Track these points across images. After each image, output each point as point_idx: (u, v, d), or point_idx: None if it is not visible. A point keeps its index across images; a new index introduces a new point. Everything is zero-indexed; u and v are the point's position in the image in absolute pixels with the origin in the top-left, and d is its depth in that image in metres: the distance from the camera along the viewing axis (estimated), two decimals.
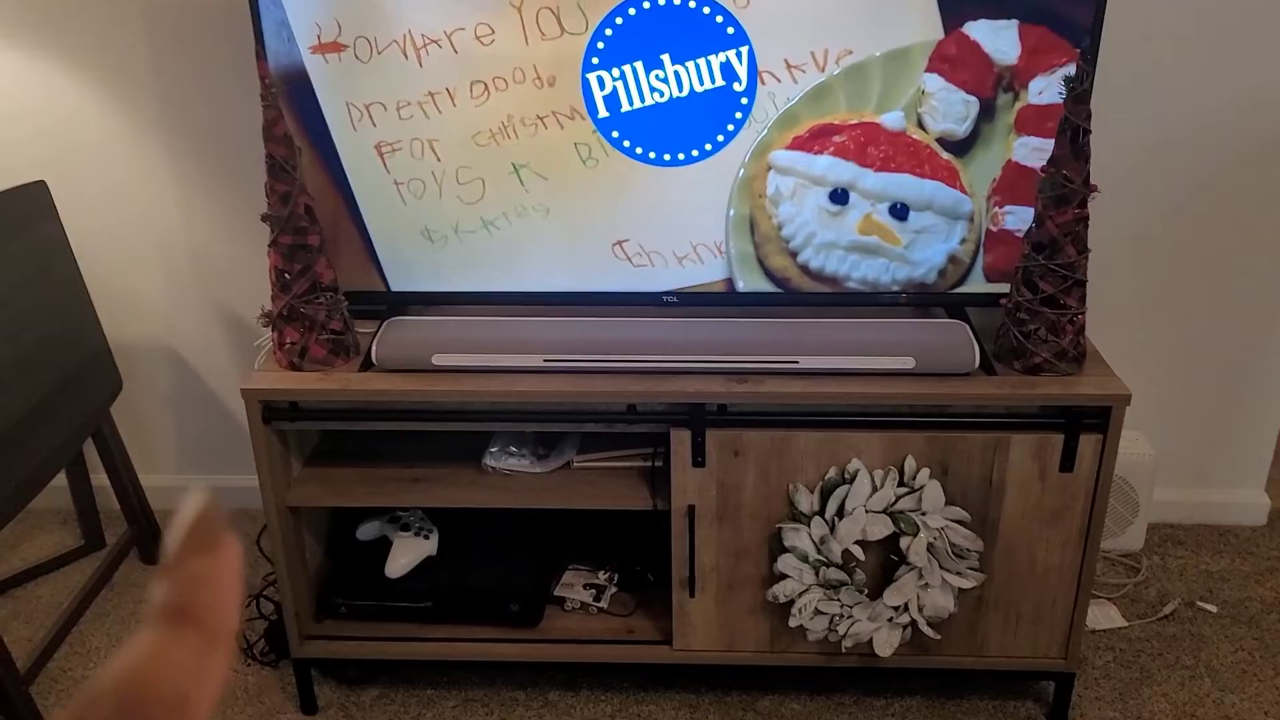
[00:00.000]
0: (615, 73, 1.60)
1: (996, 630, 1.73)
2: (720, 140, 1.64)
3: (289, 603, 1.77)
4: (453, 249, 1.73)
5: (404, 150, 1.66)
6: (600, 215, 1.70)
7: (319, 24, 1.58)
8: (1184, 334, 2.15)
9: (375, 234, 1.72)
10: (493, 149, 1.66)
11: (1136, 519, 2.19)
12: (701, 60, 1.59)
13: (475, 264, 1.74)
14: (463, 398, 1.62)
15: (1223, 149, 1.98)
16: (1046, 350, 1.60)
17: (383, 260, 1.75)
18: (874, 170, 1.65)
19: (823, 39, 1.58)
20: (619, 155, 1.66)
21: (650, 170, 1.67)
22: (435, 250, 1.73)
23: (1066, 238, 1.53)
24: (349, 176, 1.68)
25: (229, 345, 2.26)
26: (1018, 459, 1.61)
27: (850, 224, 1.69)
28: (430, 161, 1.67)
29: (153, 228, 2.15)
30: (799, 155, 1.65)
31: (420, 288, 1.77)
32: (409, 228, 1.72)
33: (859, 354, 1.61)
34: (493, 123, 1.64)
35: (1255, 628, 2.01)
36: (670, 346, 1.64)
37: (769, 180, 1.67)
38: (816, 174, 1.66)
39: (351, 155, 1.67)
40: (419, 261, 1.74)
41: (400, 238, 1.73)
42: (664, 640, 1.80)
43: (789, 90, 1.61)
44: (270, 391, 1.63)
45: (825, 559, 1.66)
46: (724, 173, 1.67)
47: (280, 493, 1.72)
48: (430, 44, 1.58)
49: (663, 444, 1.69)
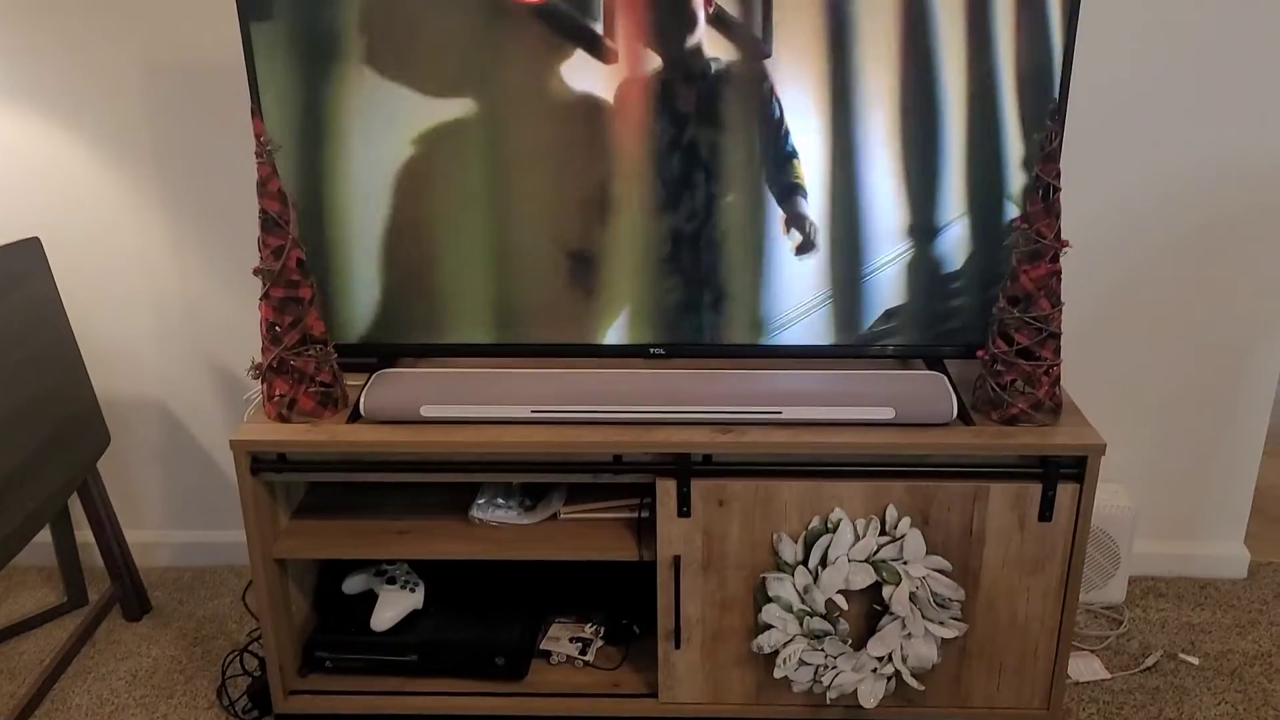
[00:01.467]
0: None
1: (980, 681, 1.74)
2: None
3: (273, 656, 1.76)
4: (444, 301, 1.77)
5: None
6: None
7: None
8: (1162, 388, 2.19)
9: (366, 286, 1.76)
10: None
11: (1118, 571, 2.21)
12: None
13: (465, 316, 1.77)
14: (450, 449, 1.64)
15: (1196, 208, 2.05)
16: (1023, 401, 1.64)
17: (372, 312, 1.78)
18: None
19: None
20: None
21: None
22: (425, 302, 1.77)
23: (1040, 291, 1.58)
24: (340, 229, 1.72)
25: (219, 400, 2.28)
26: (997, 508, 1.63)
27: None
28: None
29: (146, 283, 2.17)
30: None
31: (409, 340, 1.80)
32: (400, 278, 1.75)
33: (840, 404, 1.64)
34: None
35: (1238, 680, 2.02)
36: (656, 397, 1.67)
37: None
38: None
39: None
40: (409, 313, 1.78)
41: (390, 289, 1.76)
42: (650, 693, 1.80)
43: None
44: (258, 443, 1.64)
45: (809, 608, 1.67)
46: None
47: (267, 545, 1.72)
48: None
49: (649, 494, 1.71)
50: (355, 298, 1.76)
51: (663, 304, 1.76)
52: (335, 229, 1.72)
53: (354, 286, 1.75)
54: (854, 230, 1.69)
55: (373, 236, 1.72)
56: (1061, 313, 1.61)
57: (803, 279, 1.73)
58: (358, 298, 1.76)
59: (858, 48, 1.59)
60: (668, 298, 1.75)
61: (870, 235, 1.70)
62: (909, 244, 1.70)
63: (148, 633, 2.20)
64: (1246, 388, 2.19)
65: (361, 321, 1.78)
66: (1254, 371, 2.17)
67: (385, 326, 1.78)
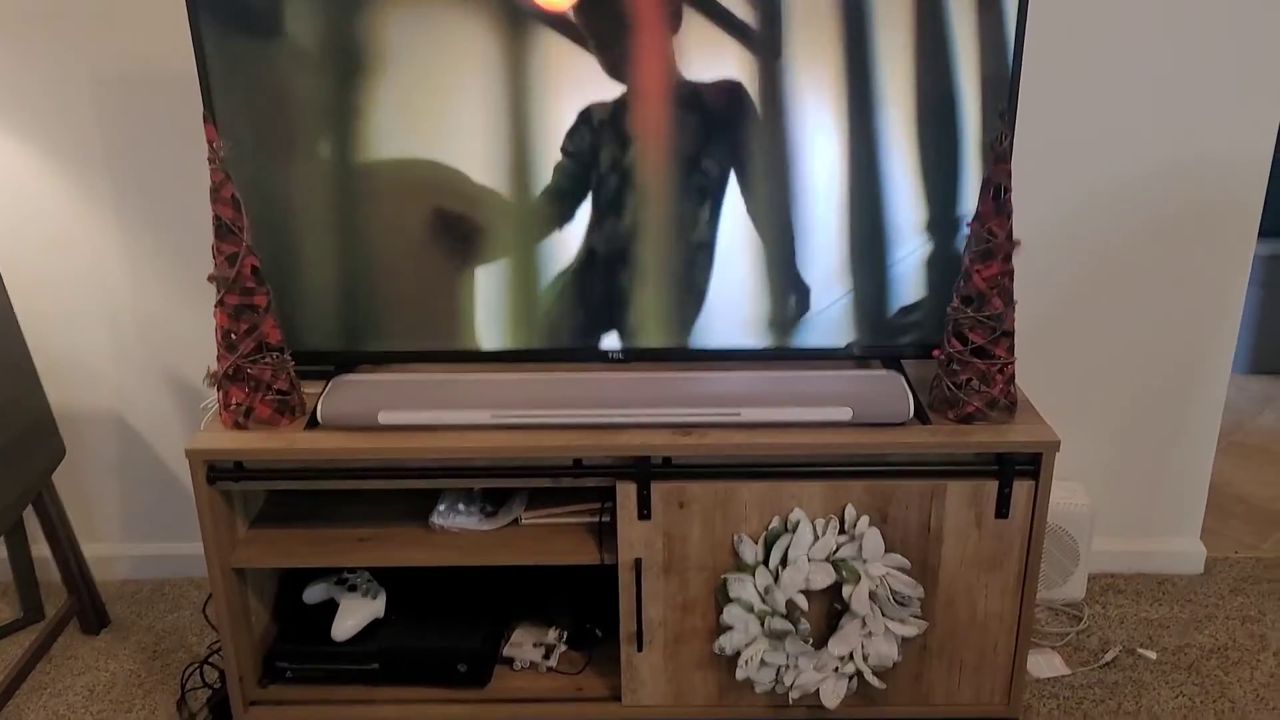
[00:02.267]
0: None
1: (940, 678, 1.75)
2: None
3: (233, 667, 1.74)
4: (401, 309, 1.76)
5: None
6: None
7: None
8: (1116, 386, 2.22)
9: (323, 293, 1.75)
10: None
11: (1077, 569, 2.24)
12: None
13: (423, 323, 1.77)
14: (409, 455, 1.64)
15: (1148, 207, 2.08)
16: (978, 399, 1.65)
17: (329, 319, 1.77)
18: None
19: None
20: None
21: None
22: (382, 308, 1.76)
23: (993, 290, 1.60)
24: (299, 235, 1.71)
25: (176, 411, 2.26)
26: (954, 506, 1.65)
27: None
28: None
29: (100, 294, 2.15)
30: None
31: (367, 347, 1.79)
32: (357, 285, 1.75)
33: (798, 405, 1.65)
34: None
35: (1195, 674, 2.05)
36: (615, 401, 1.67)
37: None
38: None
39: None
40: (366, 320, 1.77)
41: (347, 296, 1.75)
42: (613, 697, 1.80)
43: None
44: (214, 452, 1.63)
45: (770, 609, 1.68)
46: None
47: (225, 554, 1.71)
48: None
49: (609, 498, 1.71)
50: (312, 305, 1.75)
51: (623, 308, 1.76)
52: (290, 236, 1.71)
53: (311, 293, 1.74)
54: (817, 232, 1.71)
55: (328, 243, 1.71)
56: (1014, 311, 1.63)
57: (761, 283, 1.74)
58: (314, 305, 1.75)
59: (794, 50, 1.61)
60: (627, 302, 1.75)
61: (834, 237, 1.71)
62: (872, 243, 1.72)
63: (106, 647, 2.17)
64: (1200, 385, 2.22)
65: (319, 328, 1.77)
66: (1207, 368, 2.21)
67: (343, 333, 1.77)
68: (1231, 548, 2.48)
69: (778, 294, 1.74)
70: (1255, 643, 2.14)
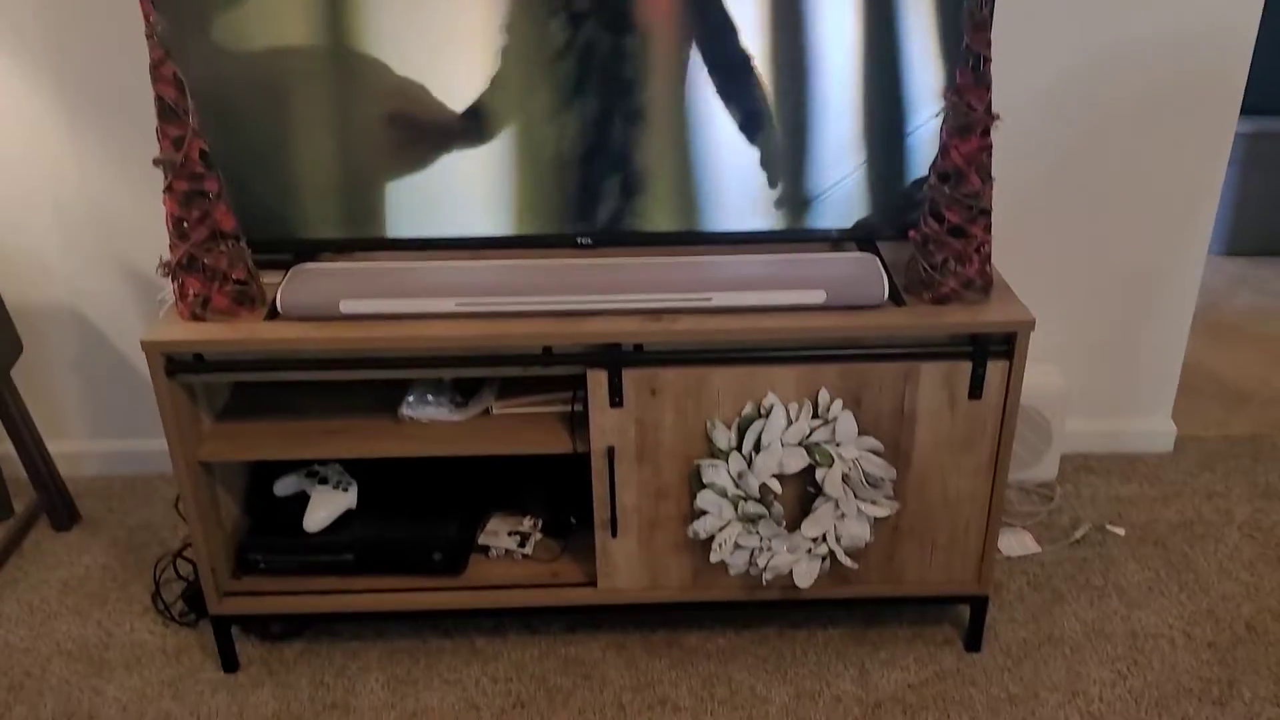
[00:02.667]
0: None
1: (913, 558, 1.77)
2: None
3: (204, 560, 1.73)
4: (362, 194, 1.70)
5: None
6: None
7: None
8: (1093, 268, 2.20)
9: (277, 178, 1.68)
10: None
11: (1050, 449, 2.25)
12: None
13: (386, 209, 1.71)
14: (373, 345, 1.60)
15: (1126, 83, 2.02)
16: (954, 280, 1.62)
17: (285, 206, 1.70)
18: None
19: None
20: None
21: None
22: (341, 194, 1.70)
23: (970, 166, 1.55)
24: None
25: (134, 303, 2.20)
26: (928, 388, 1.64)
27: None
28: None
29: (45, 182, 2.07)
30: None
31: (326, 235, 1.73)
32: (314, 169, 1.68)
33: (771, 289, 1.62)
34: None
35: (1161, 548, 2.09)
36: (585, 287, 1.63)
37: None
38: None
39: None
40: (324, 207, 1.71)
41: (303, 181, 1.69)
42: (589, 582, 1.81)
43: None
44: (172, 344, 1.58)
45: (744, 493, 1.67)
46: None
47: (190, 448, 1.68)
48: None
49: (581, 386, 1.69)
50: (266, 191, 1.68)
51: (589, 192, 1.70)
52: (241, 117, 1.63)
53: (266, 179, 1.67)
54: (797, 110, 1.65)
55: (281, 126, 1.63)
56: (992, 189, 1.59)
57: (736, 162, 1.68)
58: (270, 191, 1.68)
59: None
60: (594, 185, 1.70)
61: (815, 116, 1.65)
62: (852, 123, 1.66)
63: (78, 542, 2.16)
64: (1176, 265, 2.20)
65: (275, 216, 1.70)
66: (1185, 249, 2.18)
67: (300, 221, 1.71)
68: (1201, 426, 2.50)
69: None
70: (1221, 517, 2.17)
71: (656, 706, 1.74)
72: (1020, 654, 1.83)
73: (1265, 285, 3.24)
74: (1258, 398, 2.62)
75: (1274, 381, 2.69)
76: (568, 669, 1.82)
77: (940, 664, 1.81)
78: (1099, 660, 1.81)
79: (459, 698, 1.77)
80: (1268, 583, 1.99)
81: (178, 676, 1.82)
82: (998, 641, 1.86)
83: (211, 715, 1.74)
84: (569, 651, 1.86)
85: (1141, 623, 1.89)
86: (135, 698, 1.78)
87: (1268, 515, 2.17)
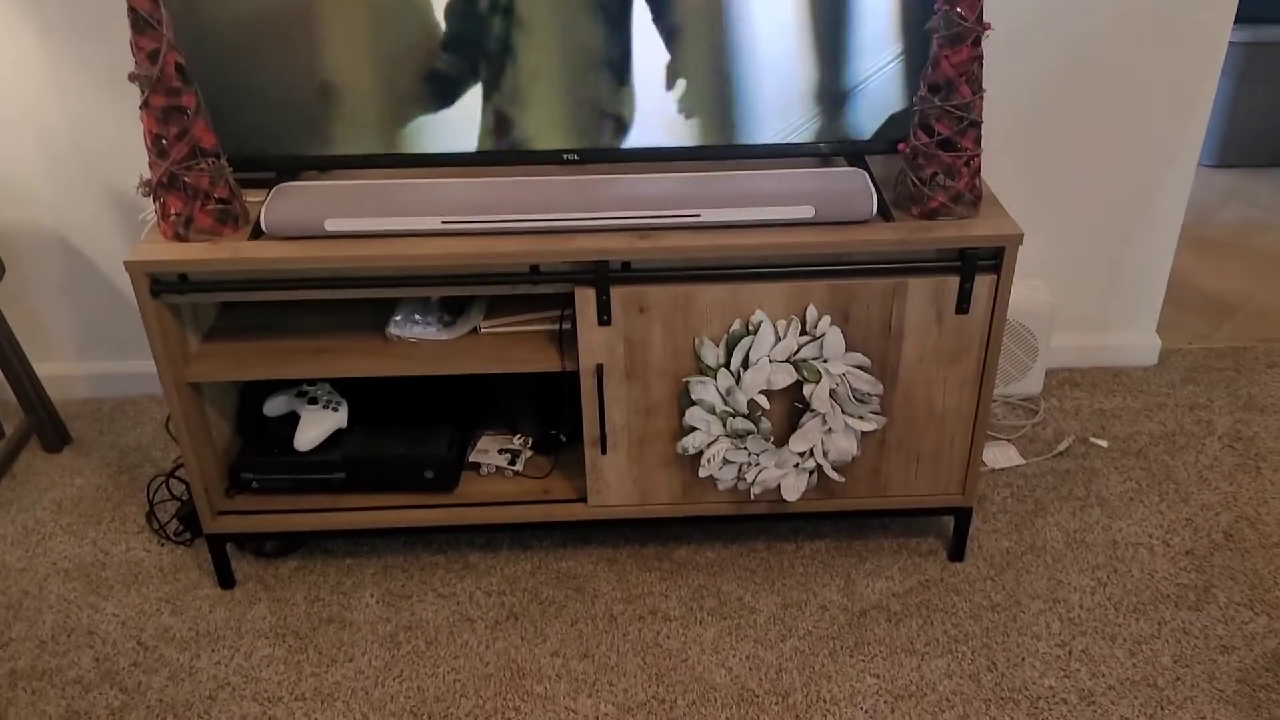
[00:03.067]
0: None
1: (898, 471, 1.80)
2: None
3: (196, 480, 1.75)
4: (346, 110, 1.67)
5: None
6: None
7: None
8: (1081, 182, 2.19)
9: (259, 94, 1.65)
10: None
11: (1036, 364, 2.27)
12: None
13: (368, 125, 1.68)
14: (359, 263, 1.59)
15: None
16: (943, 194, 1.61)
17: (268, 122, 1.67)
18: None
19: None
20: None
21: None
22: (324, 111, 1.67)
23: (961, 77, 1.53)
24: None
25: (115, 223, 2.17)
26: (915, 303, 1.64)
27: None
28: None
29: (22, 102, 2.02)
30: None
31: (310, 152, 1.70)
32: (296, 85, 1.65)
33: (760, 204, 1.61)
34: None
35: (1143, 459, 2.12)
36: (571, 204, 1.62)
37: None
38: None
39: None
40: (307, 123, 1.68)
41: (286, 97, 1.65)
42: (579, 498, 1.83)
43: None
44: (156, 263, 1.57)
45: (732, 409, 1.69)
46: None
47: (178, 368, 1.68)
48: None
49: (569, 305, 1.69)
50: (247, 107, 1.65)
51: (576, 107, 1.68)
52: (220, 30, 1.59)
53: (247, 95, 1.64)
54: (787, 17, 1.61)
55: (260, 38, 1.60)
56: (983, 100, 1.57)
57: (723, 71, 1.65)
58: (252, 107, 1.65)
59: None
60: (580, 99, 1.67)
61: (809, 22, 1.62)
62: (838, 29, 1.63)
63: (70, 463, 2.17)
64: (1166, 178, 2.19)
65: (257, 133, 1.68)
66: (1174, 161, 2.17)
67: (284, 138, 1.68)
68: (1186, 339, 2.52)
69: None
70: (1202, 428, 2.20)
71: (647, 617, 1.78)
72: (1003, 563, 1.87)
73: (1256, 198, 3.23)
74: (1243, 311, 2.63)
75: (1259, 295, 2.70)
76: (560, 582, 1.86)
77: (924, 573, 1.85)
78: (1079, 569, 1.85)
79: (453, 610, 1.80)
80: (1246, 492, 2.02)
81: (175, 593, 1.85)
82: (981, 552, 1.89)
83: (210, 629, 1.77)
84: (561, 566, 1.89)
85: (1122, 532, 1.93)
86: (134, 613, 1.81)
87: (1248, 426, 2.21)
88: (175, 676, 1.69)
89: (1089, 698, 1.62)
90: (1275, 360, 2.42)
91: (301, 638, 1.76)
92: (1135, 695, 1.62)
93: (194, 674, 1.69)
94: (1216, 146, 3.40)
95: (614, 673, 1.69)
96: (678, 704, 1.63)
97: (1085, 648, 1.70)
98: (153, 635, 1.77)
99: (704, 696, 1.64)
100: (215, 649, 1.74)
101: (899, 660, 1.69)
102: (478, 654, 1.72)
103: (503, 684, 1.67)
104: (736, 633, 1.75)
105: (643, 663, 1.70)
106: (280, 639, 1.75)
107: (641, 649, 1.73)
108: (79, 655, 1.73)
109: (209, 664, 1.71)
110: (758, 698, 1.64)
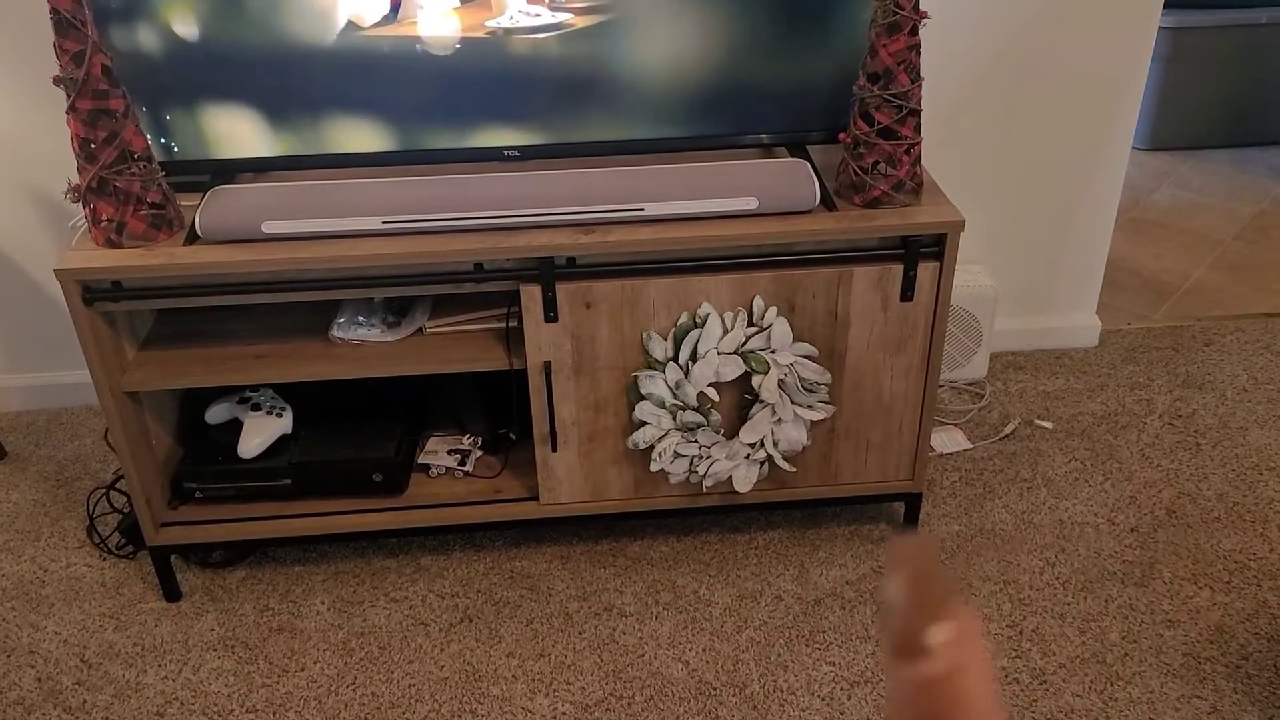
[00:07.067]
0: None
1: (848, 459, 1.81)
2: None
3: (137, 491, 1.71)
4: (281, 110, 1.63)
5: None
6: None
7: None
8: (1019, 166, 2.22)
9: (191, 95, 1.61)
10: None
11: (980, 349, 2.30)
12: None
13: (306, 125, 1.65)
14: (299, 266, 1.56)
15: None
16: (885, 183, 1.62)
17: (201, 125, 1.64)
18: None
19: None
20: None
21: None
22: (258, 111, 1.63)
23: (900, 66, 1.54)
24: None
25: (44, 230, 2.11)
26: (860, 291, 1.65)
27: None
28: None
29: None
30: None
31: (245, 154, 1.67)
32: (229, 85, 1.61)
33: (703, 197, 1.61)
34: None
35: (1086, 439, 2.15)
36: (514, 201, 1.60)
37: None
38: None
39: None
40: (242, 125, 1.64)
41: (219, 98, 1.62)
42: (531, 496, 1.82)
43: None
44: (88, 271, 1.53)
45: (681, 403, 1.68)
46: None
47: (114, 378, 1.64)
48: None
49: (515, 302, 1.67)
50: (180, 109, 1.61)
51: (517, 103, 1.66)
52: (149, 33, 1.55)
53: (179, 97, 1.60)
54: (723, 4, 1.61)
55: (192, 39, 1.56)
56: (921, 89, 1.58)
57: (659, 66, 1.65)
58: (182, 109, 1.61)
59: None
60: (522, 97, 1.65)
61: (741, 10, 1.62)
62: (773, 23, 1.63)
63: (5, 478, 2.11)
64: (1101, 161, 2.23)
65: (190, 136, 1.64)
66: (1109, 144, 2.21)
67: (217, 140, 1.65)
68: (1125, 320, 2.56)
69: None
70: (1143, 407, 2.25)
71: (603, 614, 1.78)
72: (954, 547, 1.89)
73: (1187, 181, 3.30)
74: (1179, 290, 2.69)
75: (1194, 274, 2.76)
76: (514, 582, 1.84)
77: (877, 560, 1.87)
78: (1028, 549, 1.88)
79: (406, 615, 1.78)
80: (1186, 468, 2.07)
81: (119, 608, 1.80)
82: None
83: (156, 644, 1.73)
84: (514, 565, 1.88)
85: (1068, 512, 1.96)
86: (77, 631, 1.76)
87: (1187, 404, 2.25)
88: (121, 694, 1.65)
89: (1040, 676, 1.65)
90: (1212, 338, 2.48)
91: (251, 648, 1.72)
92: (1085, 672, 1.65)
93: (140, 690, 1.66)
94: (1148, 130, 3.47)
95: (571, 671, 1.68)
96: (635, 699, 1.63)
97: (1036, 627, 1.73)
98: (96, 652, 1.72)
99: (661, 691, 1.64)
100: (162, 664, 1.70)
101: (854, 647, 1.70)
102: (432, 658, 1.70)
103: (458, 687, 1.65)
104: (692, 626, 1.75)
105: (599, 660, 1.69)
106: (229, 650, 1.72)
107: (598, 646, 1.72)
108: (20, 676, 1.68)
109: (156, 679, 1.67)
110: (715, 690, 1.64)
